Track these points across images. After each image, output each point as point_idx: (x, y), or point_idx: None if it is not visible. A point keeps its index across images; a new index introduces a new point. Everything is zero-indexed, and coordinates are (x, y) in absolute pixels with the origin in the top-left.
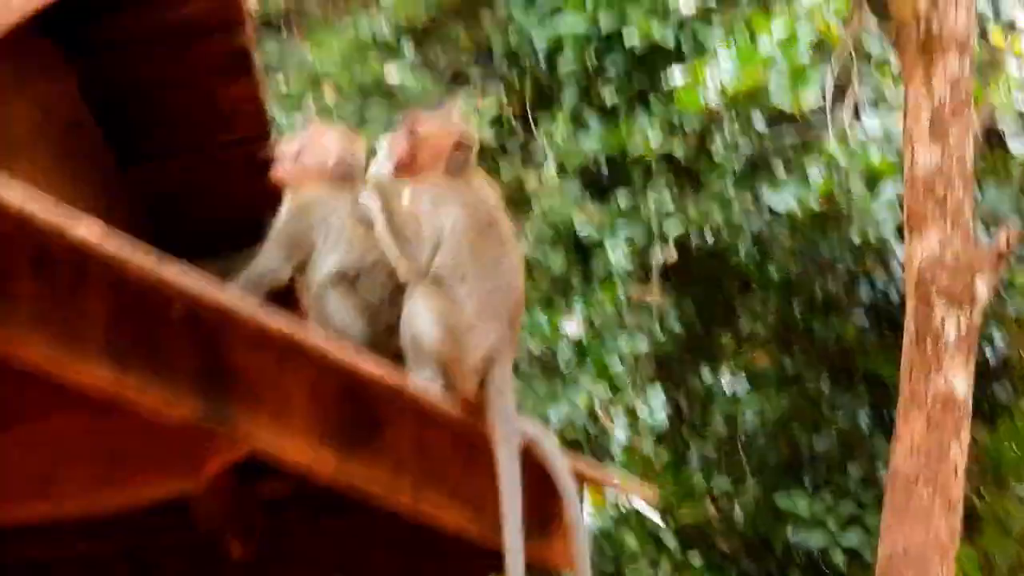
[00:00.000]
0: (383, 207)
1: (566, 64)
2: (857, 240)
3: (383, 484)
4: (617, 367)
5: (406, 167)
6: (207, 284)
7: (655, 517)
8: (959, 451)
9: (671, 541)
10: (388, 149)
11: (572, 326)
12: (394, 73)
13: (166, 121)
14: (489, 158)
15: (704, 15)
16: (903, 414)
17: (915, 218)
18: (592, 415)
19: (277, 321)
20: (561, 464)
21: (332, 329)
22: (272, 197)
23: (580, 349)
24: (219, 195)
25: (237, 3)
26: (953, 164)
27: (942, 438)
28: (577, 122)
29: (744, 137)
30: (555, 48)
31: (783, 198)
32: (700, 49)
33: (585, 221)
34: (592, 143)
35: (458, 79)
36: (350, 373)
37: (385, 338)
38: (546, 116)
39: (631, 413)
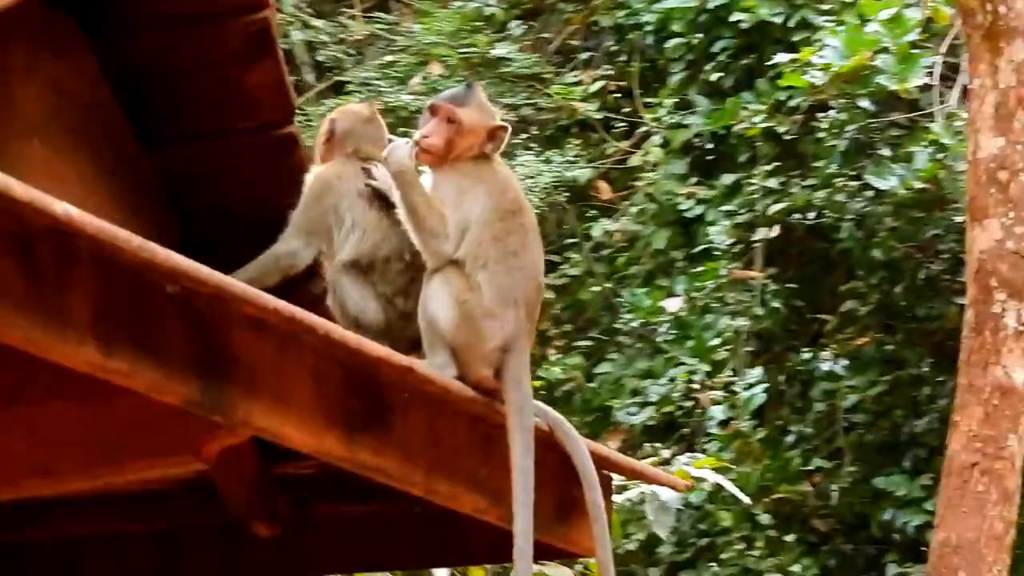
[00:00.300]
0: (404, 195)
1: (674, 41)
2: (961, 222)
3: (393, 470)
4: (716, 344)
5: (440, 156)
6: (201, 265)
7: (737, 492)
8: (1017, 443)
9: (765, 519)
10: (421, 135)
11: (673, 303)
12: (502, 50)
13: (187, 103)
14: (594, 134)
15: None
16: (960, 404)
17: (976, 207)
18: (689, 392)
19: (276, 303)
20: (581, 450)
21: (348, 314)
22: (299, 181)
23: (680, 326)
24: (244, 179)
25: None
26: (1017, 152)
27: (1000, 429)
28: (683, 99)
29: (850, 117)
30: (663, 25)
31: (887, 179)
32: (807, 28)
33: (689, 198)
34: (698, 120)
35: (565, 56)
36: (355, 357)
37: (401, 325)
38: (652, 93)
39: (729, 391)
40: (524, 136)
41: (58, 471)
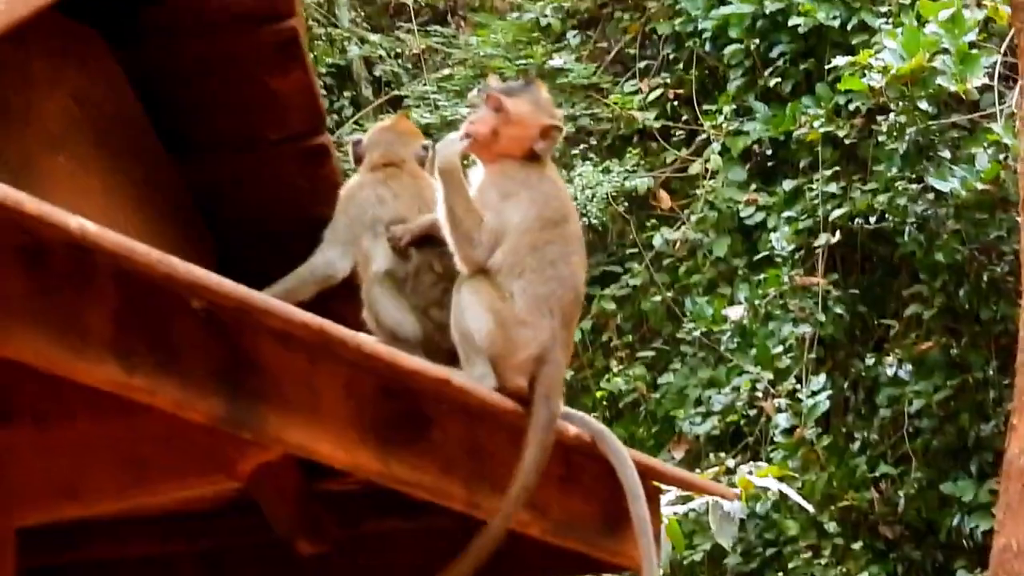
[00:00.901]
0: (446, 195)
1: (731, 47)
2: None
3: (431, 484)
4: (779, 352)
5: (485, 146)
6: (224, 278)
7: (800, 500)
8: None
9: (832, 527)
10: (467, 123)
11: (735, 311)
12: (559, 60)
13: (216, 114)
14: (653, 143)
15: None
16: (1019, 406)
17: None
18: (753, 401)
19: (304, 316)
20: (626, 461)
21: (384, 326)
22: (331, 191)
23: (743, 334)
24: (274, 190)
25: None
26: None
27: None
28: (742, 105)
29: (909, 119)
30: (720, 32)
31: (949, 181)
32: (865, 30)
33: (749, 205)
34: (757, 127)
35: (623, 65)
36: (389, 369)
37: (439, 337)
38: (711, 100)
39: (793, 398)
40: (583, 146)
41: (86, 493)
